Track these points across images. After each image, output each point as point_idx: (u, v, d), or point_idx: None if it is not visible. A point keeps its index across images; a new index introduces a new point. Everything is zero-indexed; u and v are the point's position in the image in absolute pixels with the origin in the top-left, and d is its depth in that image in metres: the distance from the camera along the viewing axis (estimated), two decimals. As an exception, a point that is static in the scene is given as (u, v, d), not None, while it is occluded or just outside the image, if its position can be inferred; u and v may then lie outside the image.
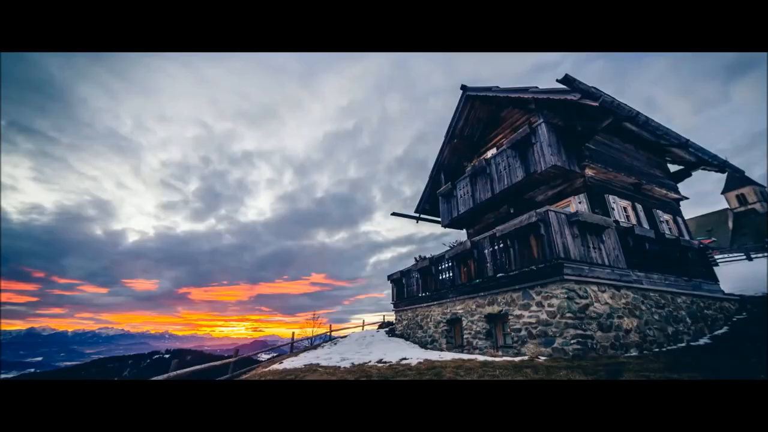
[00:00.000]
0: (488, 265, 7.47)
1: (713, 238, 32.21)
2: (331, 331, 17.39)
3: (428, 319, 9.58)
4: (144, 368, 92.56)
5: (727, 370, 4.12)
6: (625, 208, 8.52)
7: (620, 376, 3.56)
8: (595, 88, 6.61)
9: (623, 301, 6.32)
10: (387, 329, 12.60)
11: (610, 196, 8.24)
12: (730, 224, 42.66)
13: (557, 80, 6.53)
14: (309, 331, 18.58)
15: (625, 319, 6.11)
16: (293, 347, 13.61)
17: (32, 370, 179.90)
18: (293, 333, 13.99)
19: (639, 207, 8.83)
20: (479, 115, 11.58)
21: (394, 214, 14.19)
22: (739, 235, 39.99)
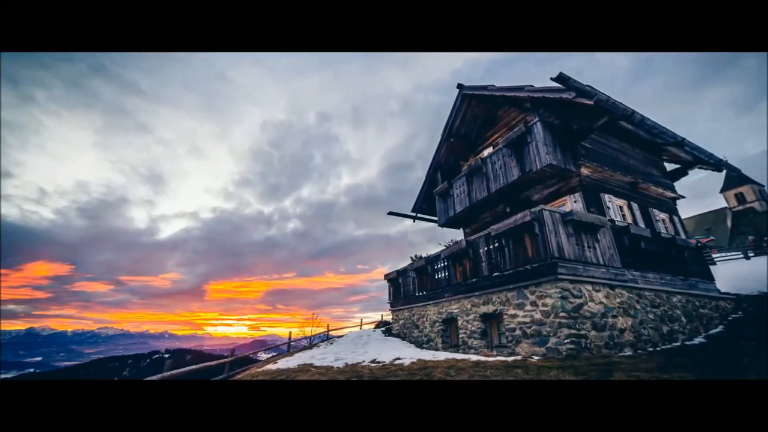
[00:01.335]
0: (483, 264, 7.44)
1: (711, 237, 32.22)
2: (329, 330, 17.37)
3: (424, 319, 9.56)
4: (143, 368, 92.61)
5: (720, 370, 4.10)
6: (621, 207, 8.49)
7: (611, 376, 3.54)
8: (590, 86, 6.58)
9: (618, 300, 6.30)
10: (384, 329, 12.58)
11: (606, 195, 8.21)
12: (729, 223, 42.69)
13: (551, 78, 6.50)
14: (308, 331, 18.56)
15: (620, 318, 6.09)
16: (290, 346, 13.59)
17: (31, 370, 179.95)
18: (290, 332, 13.96)
19: (635, 206, 8.80)
20: (476, 113, 11.54)
21: (390, 213, 14.14)
22: (738, 234, 40.02)
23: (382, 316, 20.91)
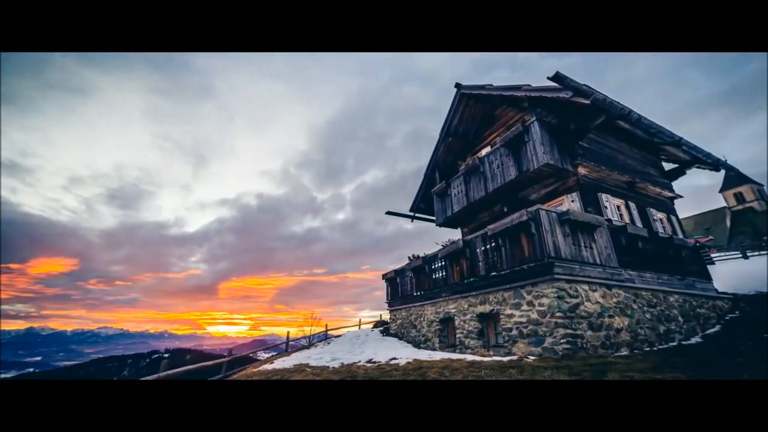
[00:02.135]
0: (480, 264, 7.42)
1: (710, 237, 32.22)
2: (327, 330, 17.36)
3: (422, 319, 9.54)
4: (143, 368, 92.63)
5: (717, 370, 4.08)
6: (618, 207, 8.47)
7: (605, 376, 3.52)
8: (586, 85, 6.56)
9: (614, 300, 6.28)
10: (381, 328, 12.57)
11: (603, 195, 8.19)
12: (728, 222, 42.71)
13: (548, 78, 6.48)
14: (307, 330, 18.56)
15: (616, 318, 6.07)
16: (288, 346, 13.59)
17: (31, 369, 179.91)
18: (288, 332, 13.95)
19: (632, 205, 8.79)
20: (474, 113, 11.52)
21: (388, 213, 14.13)
22: (737, 234, 40.04)
23: (380, 315, 20.90)
